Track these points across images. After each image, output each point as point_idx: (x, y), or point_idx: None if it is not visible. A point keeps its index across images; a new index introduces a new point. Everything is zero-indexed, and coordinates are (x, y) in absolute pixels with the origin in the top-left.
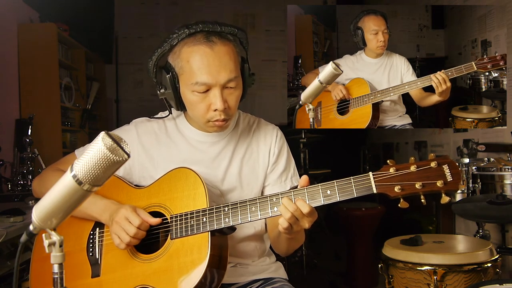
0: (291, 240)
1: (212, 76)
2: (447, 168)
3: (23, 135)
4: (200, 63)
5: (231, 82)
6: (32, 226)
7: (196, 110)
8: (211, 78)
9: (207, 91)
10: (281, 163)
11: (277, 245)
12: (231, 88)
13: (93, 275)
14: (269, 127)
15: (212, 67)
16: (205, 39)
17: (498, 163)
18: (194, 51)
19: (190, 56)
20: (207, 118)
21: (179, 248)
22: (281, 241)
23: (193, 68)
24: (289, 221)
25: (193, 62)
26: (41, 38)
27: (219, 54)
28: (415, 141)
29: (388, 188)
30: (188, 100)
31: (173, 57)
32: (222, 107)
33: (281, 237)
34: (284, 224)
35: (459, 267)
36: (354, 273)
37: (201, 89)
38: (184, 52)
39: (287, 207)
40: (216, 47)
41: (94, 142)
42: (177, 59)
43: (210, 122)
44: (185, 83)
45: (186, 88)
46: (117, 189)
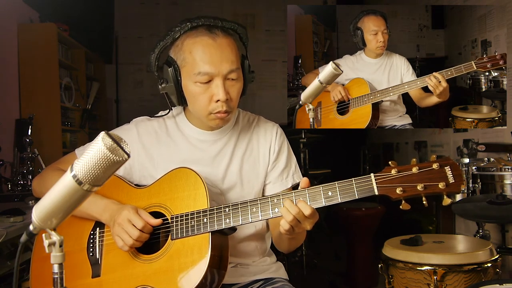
0: (292, 240)
1: (214, 66)
2: (449, 170)
3: (23, 135)
4: (202, 53)
5: (233, 73)
6: (32, 226)
7: (198, 102)
8: (214, 68)
9: (209, 82)
10: (281, 160)
11: (278, 244)
12: (232, 80)
13: (93, 275)
14: (269, 124)
15: (215, 57)
16: (208, 31)
17: (498, 163)
18: (197, 42)
19: (193, 47)
20: (209, 110)
21: (180, 249)
22: (283, 241)
23: (195, 58)
24: (290, 223)
25: (196, 52)
26: (41, 38)
27: (221, 46)
28: (415, 141)
29: (390, 189)
30: (190, 92)
31: (175, 50)
32: (224, 97)
33: (282, 236)
34: (285, 226)
35: (459, 267)
36: (354, 273)
37: (204, 79)
38: (187, 44)
39: (289, 209)
40: (218, 38)
41: (94, 142)
42: (179, 51)
43: (212, 114)
44: (187, 75)
45: (189, 80)
46: (117, 189)
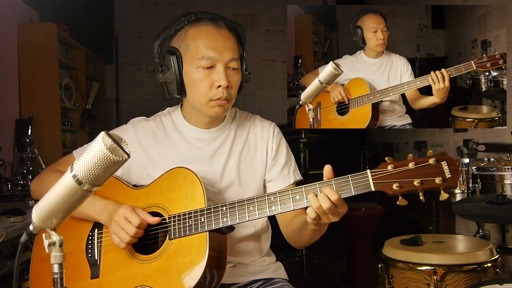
0: (316, 232)
1: (218, 51)
2: (446, 165)
3: (23, 135)
4: (207, 39)
5: (234, 62)
6: (32, 226)
7: (199, 88)
8: (217, 54)
9: (211, 68)
10: (281, 157)
11: (298, 238)
12: (233, 69)
13: (92, 276)
14: (265, 123)
15: (218, 43)
16: (212, 22)
17: (498, 163)
18: (202, 29)
19: (197, 35)
20: (210, 97)
21: (178, 248)
22: (306, 232)
23: (199, 45)
24: (317, 210)
25: (200, 39)
26: (41, 38)
27: (224, 36)
28: (415, 141)
29: (386, 185)
30: (191, 78)
31: (178, 39)
32: (225, 83)
33: (306, 228)
34: (312, 214)
35: (459, 267)
36: (354, 273)
37: (207, 63)
38: (191, 32)
39: (317, 197)
40: (222, 29)
41: (94, 142)
42: (182, 39)
43: (212, 101)
44: (190, 61)
45: (191, 66)
46: (115, 190)
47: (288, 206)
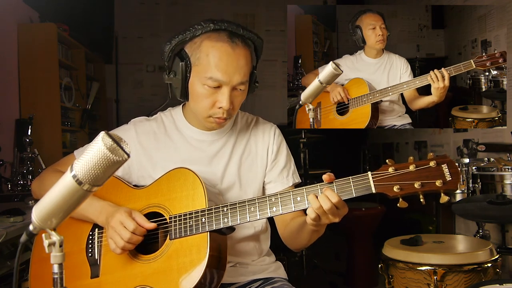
0: (314, 232)
1: (227, 75)
2: (446, 168)
3: (23, 135)
4: (218, 60)
5: (242, 85)
6: (32, 226)
7: (201, 103)
8: (226, 77)
9: (217, 88)
10: (281, 160)
11: (296, 239)
12: (240, 90)
13: (92, 275)
14: (267, 125)
15: (230, 67)
16: (229, 39)
17: (498, 163)
18: (216, 47)
19: (211, 51)
20: (209, 114)
21: (178, 249)
22: (305, 233)
23: (210, 62)
24: (317, 211)
25: (212, 57)
26: (41, 38)
27: (238, 56)
28: (415, 141)
29: (387, 187)
30: (195, 91)
31: (192, 46)
32: (227, 107)
33: (304, 229)
34: (312, 215)
35: (459, 267)
36: (354, 273)
37: (213, 84)
38: (205, 45)
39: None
40: (237, 48)
41: (94, 142)
42: (196, 49)
43: (211, 118)
44: (197, 75)
45: (198, 80)
46: (116, 190)
47: (289, 207)
